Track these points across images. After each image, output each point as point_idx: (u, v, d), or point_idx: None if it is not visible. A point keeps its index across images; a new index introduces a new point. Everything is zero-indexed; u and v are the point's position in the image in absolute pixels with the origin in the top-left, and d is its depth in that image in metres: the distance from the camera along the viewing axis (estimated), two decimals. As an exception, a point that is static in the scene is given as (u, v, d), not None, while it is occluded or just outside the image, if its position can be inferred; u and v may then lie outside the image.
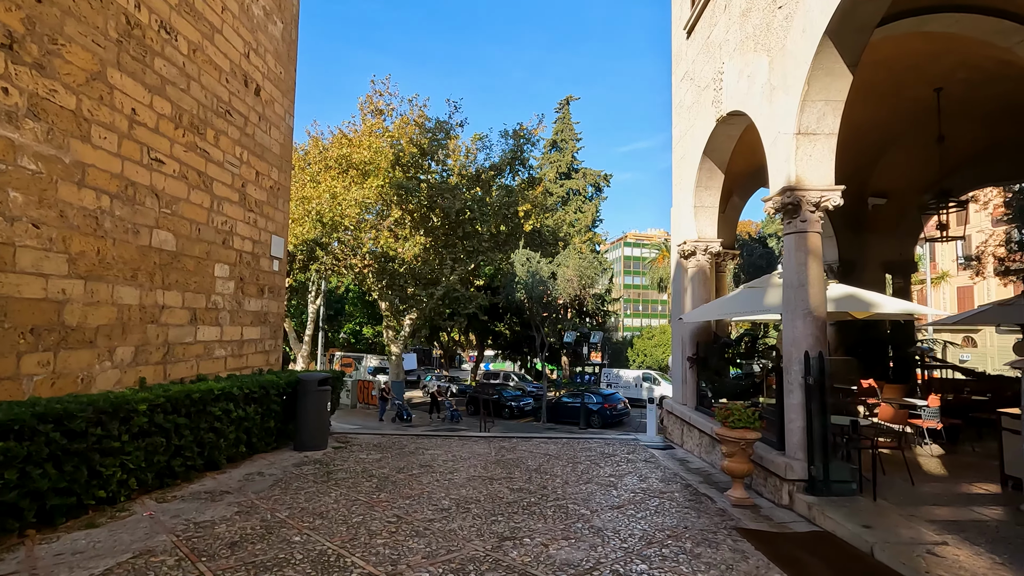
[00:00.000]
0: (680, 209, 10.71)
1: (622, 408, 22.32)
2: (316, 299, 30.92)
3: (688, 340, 10.00)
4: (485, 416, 19.89)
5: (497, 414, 25.01)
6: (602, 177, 42.85)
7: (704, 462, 8.51)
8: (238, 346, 9.41)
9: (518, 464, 8.00)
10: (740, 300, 7.47)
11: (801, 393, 6.08)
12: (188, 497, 5.89)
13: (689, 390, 9.97)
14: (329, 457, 8.23)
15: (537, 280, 21.67)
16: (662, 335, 35.99)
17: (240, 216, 9.42)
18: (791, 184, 6.27)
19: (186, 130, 7.93)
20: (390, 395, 23.69)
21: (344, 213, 22.52)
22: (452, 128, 23.65)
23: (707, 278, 10.11)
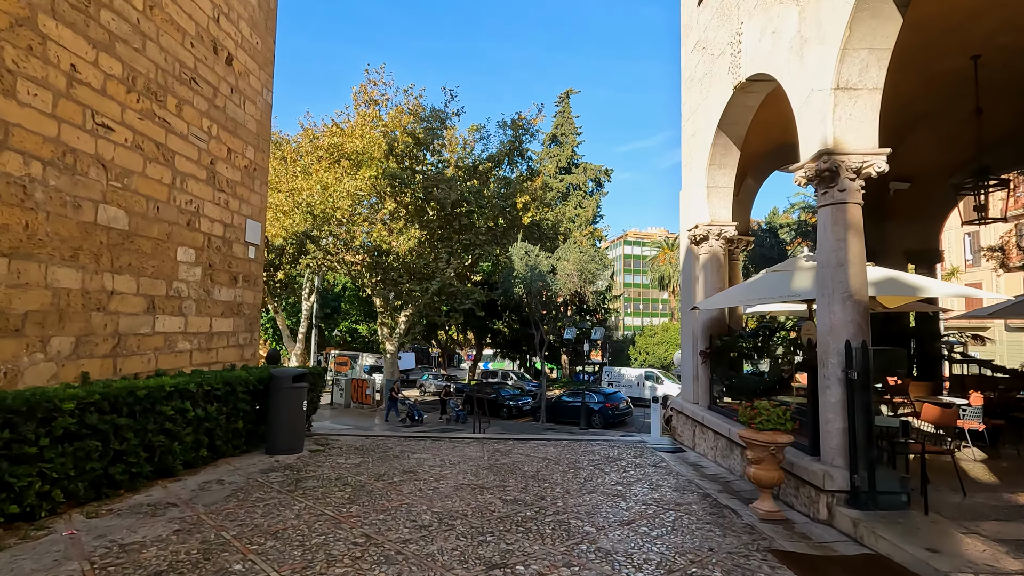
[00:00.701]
0: (690, 191, 9.86)
1: (624, 408, 21.47)
2: (310, 296, 30.09)
3: (700, 333, 9.15)
4: (480, 416, 19.07)
5: (495, 414, 24.17)
6: (603, 172, 41.97)
7: (720, 467, 7.66)
8: (206, 339, 8.55)
9: (513, 470, 7.14)
10: (763, 286, 6.63)
11: (841, 389, 5.23)
12: (126, 511, 5.03)
13: (701, 388, 9.12)
14: (303, 462, 7.38)
15: (536, 274, 20.81)
16: (664, 333, 35.14)
17: (208, 196, 8.56)
18: (827, 147, 5.42)
19: (141, 95, 7.07)
20: (399, 395, 22.74)
21: (336, 205, 21.67)
22: (448, 117, 22.79)
23: (721, 265, 9.26)
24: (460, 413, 22.27)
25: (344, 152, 22.07)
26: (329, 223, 21.98)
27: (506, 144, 24.36)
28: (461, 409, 22.71)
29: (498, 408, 24.05)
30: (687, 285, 10.01)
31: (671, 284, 66.10)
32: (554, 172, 40.23)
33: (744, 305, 8.53)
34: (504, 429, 19.92)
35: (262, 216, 10.29)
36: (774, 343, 7.64)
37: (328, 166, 22.20)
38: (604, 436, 12.43)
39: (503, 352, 40.28)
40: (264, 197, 10.38)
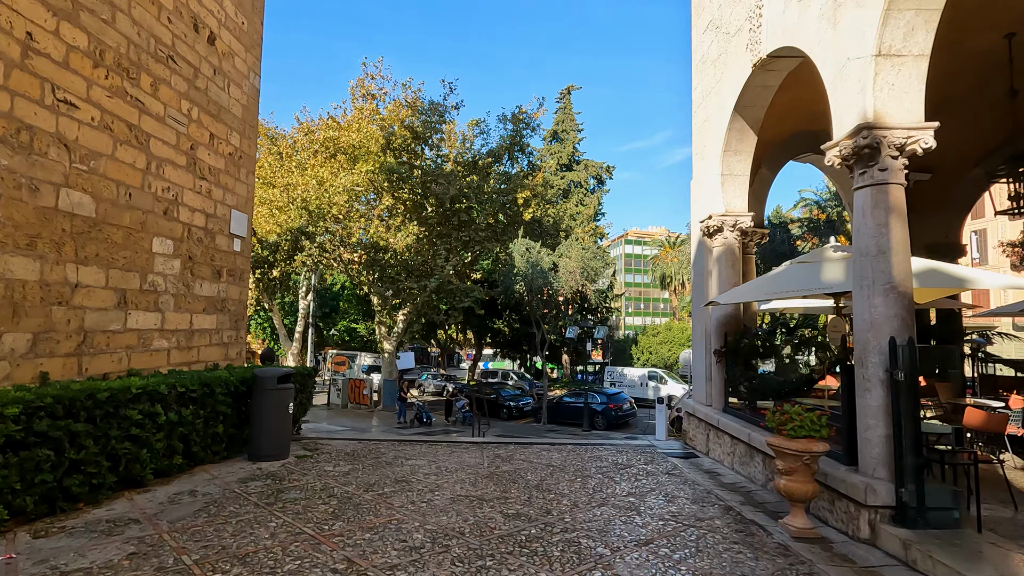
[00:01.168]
0: (703, 180, 9.29)
1: (628, 408, 20.91)
2: (307, 295, 29.55)
3: (714, 331, 8.59)
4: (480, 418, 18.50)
5: (495, 414, 23.61)
6: (604, 169, 41.38)
7: (739, 475, 7.09)
8: (186, 337, 7.98)
9: (515, 479, 6.58)
10: (790, 278, 6.07)
11: (883, 391, 4.67)
12: (80, 529, 4.47)
13: (716, 389, 8.55)
14: (287, 469, 6.81)
15: (538, 271, 20.22)
16: (668, 332, 34.55)
17: (188, 183, 7.99)
18: (867, 121, 4.85)
19: (111, 71, 6.50)
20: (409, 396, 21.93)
21: (332, 201, 21.10)
22: (447, 110, 22.21)
23: (736, 259, 8.70)
24: (467, 415, 21.64)
25: (340, 146, 21.51)
26: (325, 219, 21.41)
27: (506, 139, 23.78)
28: (468, 411, 22.07)
29: (498, 409, 23.49)
30: (699, 280, 9.44)
31: (672, 283, 65.57)
32: (555, 169, 39.64)
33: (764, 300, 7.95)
34: (504, 431, 19.37)
35: (249, 207, 9.72)
36: (796, 341, 7.07)
37: (324, 161, 21.64)
38: (610, 440, 11.87)
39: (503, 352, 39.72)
40: (251, 187, 9.81)
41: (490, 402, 24.01)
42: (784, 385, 6.19)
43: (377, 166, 20.87)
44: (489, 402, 24.01)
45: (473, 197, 21.65)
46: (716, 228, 8.69)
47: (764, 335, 7.57)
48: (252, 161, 9.84)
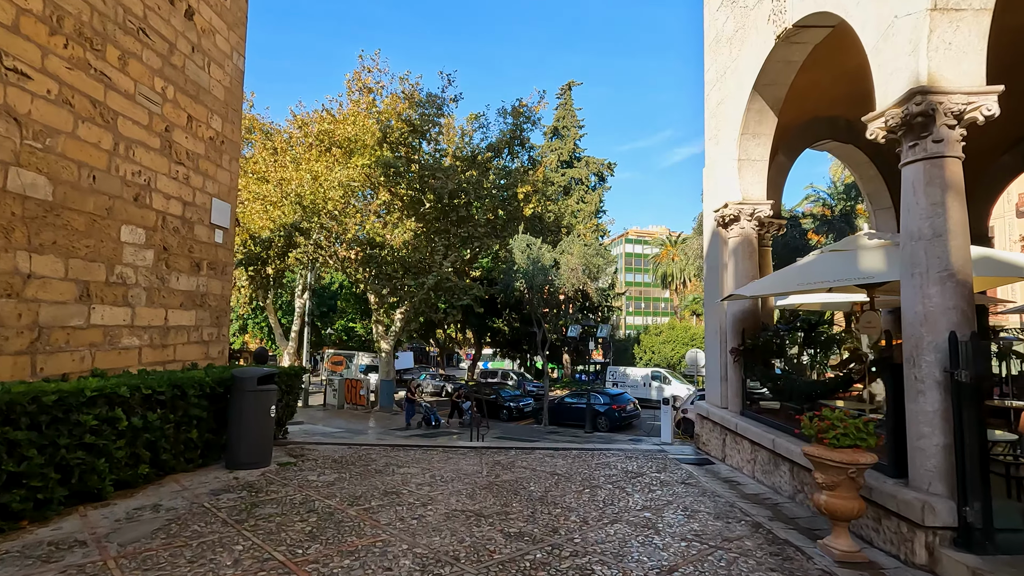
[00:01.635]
0: (717, 167, 8.68)
1: (632, 409, 20.29)
2: (303, 293, 28.98)
3: (730, 328, 7.98)
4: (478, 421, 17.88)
5: (494, 415, 23.01)
6: (605, 166, 40.75)
7: (763, 485, 6.48)
8: (160, 334, 7.37)
9: (517, 489, 5.97)
10: (820, 268, 5.47)
11: (941, 395, 4.07)
12: (15, 554, 3.86)
13: (732, 391, 7.95)
14: (267, 479, 6.21)
15: (538, 268, 19.61)
16: (671, 331, 33.93)
17: (163, 168, 7.38)
18: (920, 85, 4.24)
19: (71, 40, 5.90)
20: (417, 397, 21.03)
21: (327, 196, 20.48)
22: (445, 103, 21.60)
23: (753, 250, 8.09)
24: None
25: (335, 140, 20.90)
26: (319, 215, 20.80)
27: (506, 133, 23.17)
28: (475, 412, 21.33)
29: (498, 410, 22.88)
30: (713, 274, 8.83)
31: (674, 282, 64.97)
32: (556, 165, 39.01)
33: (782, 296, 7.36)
34: (505, 432, 18.79)
35: (232, 196, 9.11)
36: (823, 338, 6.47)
37: (319, 155, 21.03)
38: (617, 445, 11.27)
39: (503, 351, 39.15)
40: (235, 175, 9.20)
41: (490, 403, 23.42)
42: (816, 386, 5.59)
43: (373, 160, 20.26)
44: (489, 403, 23.41)
45: (472, 192, 21.03)
46: (732, 217, 8.09)
47: (787, 331, 6.96)
48: (236, 147, 9.23)
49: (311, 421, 21.96)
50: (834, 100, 9.68)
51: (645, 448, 9.09)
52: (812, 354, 6.39)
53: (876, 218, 11.11)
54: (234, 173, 9.16)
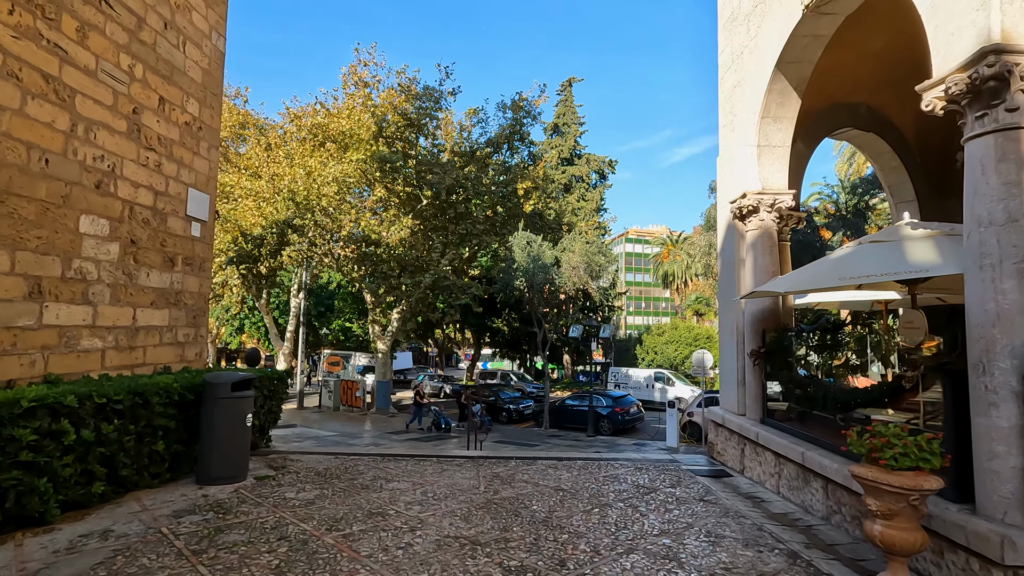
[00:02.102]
0: (734, 155, 8.06)
1: (635, 412, 19.67)
2: (299, 293, 28.38)
3: (749, 328, 7.36)
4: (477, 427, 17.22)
5: (494, 418, 22.37)
6: (607, 163, 40.11)
7: (790, 503, 5.86)
8: (127, 335, 6.74)
9: (517, 509, 5.35)
10: (860, 261, 4.84)
11: (1019, 408, 3.44)
12: (-81, 598, 3.23)
13: (751, 396, 7.32)
14: (240, 496, 5.58)
15: (539, 266, 18.98)
16: (673, 331, 33.30)
17: (131, 153, 6.75)
18: (993, 44, 3.62)
19: (17, 6, 5.27)
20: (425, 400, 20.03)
21: (321, 192, 19.84)
22: (443, 96, 20.96)
23: (773, 244, 7.47)
24: (486, 420, 20.00)
25: (329, 134, 20.27)
26: (313, 211, 20.15)
27: (506, 127, 22.53)
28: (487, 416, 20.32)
29: (497, 412, 22.25)
30: (728, 270, 8.20)
31: (675, 282, 64.41)
32: (556, 163, 38.39)
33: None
34: (504, 436, 18.18)
35: (211, 187, 8.48)
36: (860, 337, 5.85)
37: (312, 149, 20.40)
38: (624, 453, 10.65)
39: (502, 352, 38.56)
40: (214, 164, 8.57)
41: (488, 405, 22.78)
42: (857, 395, 4.96)
43: (368, 155, 19.64)
44: (487, 405, 22.79)
45: (471, 188, 20.40)
46: (750, 209, 7.46)
47: (811, 331, 6.34)
48: (215, 134, 8.60)
49: (306, 424, 21.35)
50: (856, 84, 9.06)
51: (655, 458, 8.46)
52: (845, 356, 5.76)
53: (897, 212, 10.50)
54: (213, 162, 8.53)
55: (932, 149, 10.41)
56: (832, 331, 6.04)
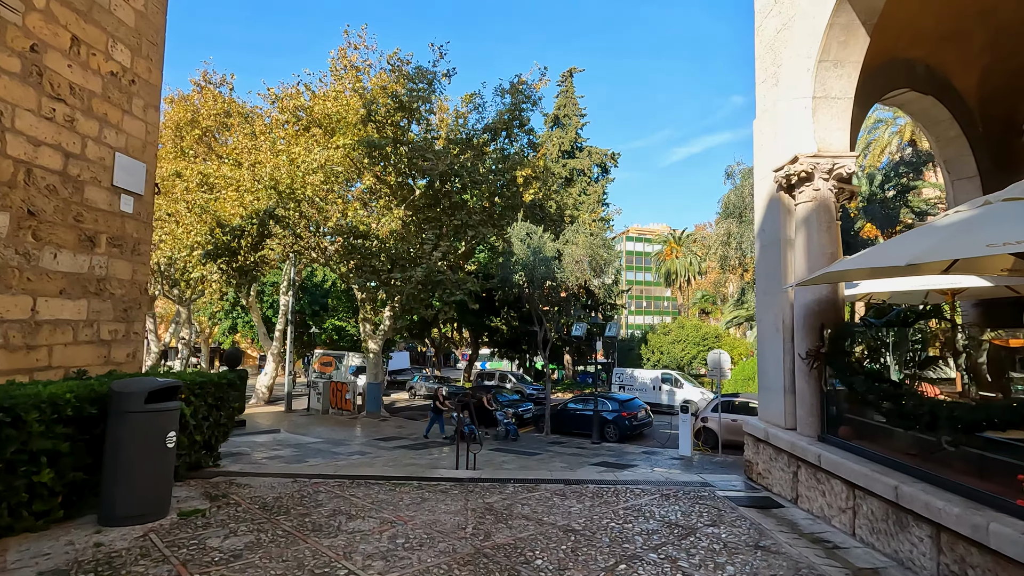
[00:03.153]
0: (777, 112, 6.66)
1: (644, 417, 18.27)
2: (288, 290, 27.02)
3: (801, 323, 5.97)
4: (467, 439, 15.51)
5: (490, 423, 20.97)
6: (609, 156, 38.66)
7: (876, 552, 4.45)
8: (23, 330, 5.34)
9: (515, 566, 3.94)
10: (1011, 222, 3.42)
11: None
12: None
13: (805, 407, 5.92)
14: (147, 545, 4.18)
15: (540, 259, 17.57)
16: (679, 331, 31.86)
17: (27, 101, 5.35)
18: None
19: None
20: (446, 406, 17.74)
21: (305, 181, 18.42)
22: (436, 78, 19.55)
23: (832, 219, 6.08)
24: (511, 428, 17.37)
25: (314, 117, 18.86)
26: (299, 202, 18.72)
27: (504, 113, 21.12)
28: (512, 422, 17.67)
29: (494, 417, 20.84)
30: (769, 254, 6.80)
31: (678, 281, 63.04)
32: (557, 156, 36.97)
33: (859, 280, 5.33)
34: (501, 444, 16.75)
35: (149, 154, 7.07)
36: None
37: (296, 134, 18.99)
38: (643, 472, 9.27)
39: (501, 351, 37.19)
40: (153, 127, 7.16)
41: (485, 409, 21.38)
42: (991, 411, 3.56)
43: (356, 140, 18.23)
44: (483, 409, 21.38)
45: (466, 176, 18.99)
46: (803, 176, 6.07)
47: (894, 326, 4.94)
48: (154, 92, 7.19)
49: (291, 428, 19.95)
50: (917, 36, 7.68)
51: (682, 480, 7.05)
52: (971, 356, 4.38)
53: (954, 190, 9.13)
54: (152, 125, 7.11)
55: (996, 119, 9.05)
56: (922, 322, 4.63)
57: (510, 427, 17.31)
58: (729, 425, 15.27)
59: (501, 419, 17.58)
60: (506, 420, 17.58)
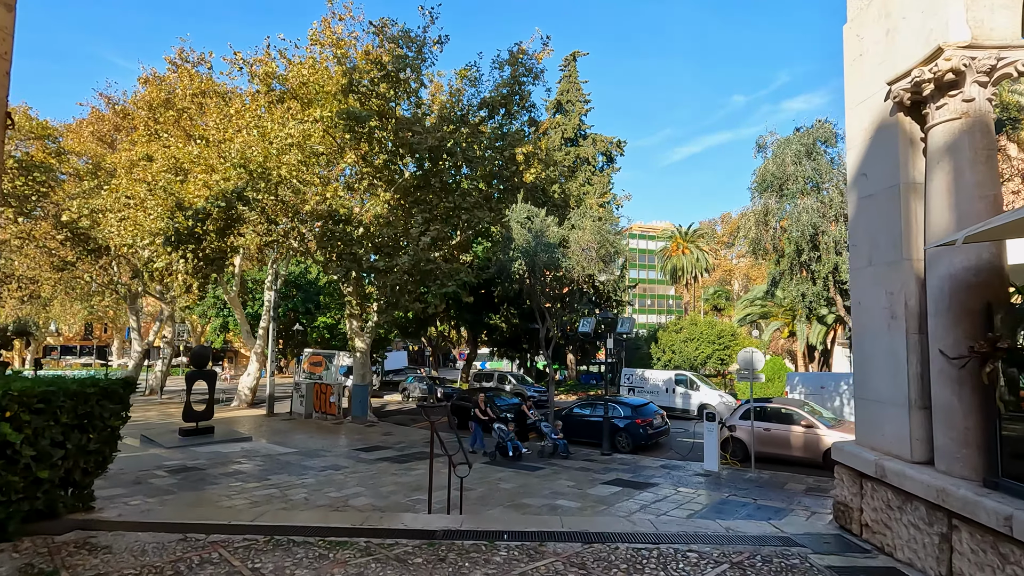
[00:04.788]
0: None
1: (660, 424, 16.15)
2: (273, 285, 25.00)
3: (944, 305, 3.89)
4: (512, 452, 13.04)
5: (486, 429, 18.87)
6: (615, 144, 36.49)
7: None
8: None
9: None
10: None
11: None
12: None
13: (955, 431, 3.84)
14: None
15: (542, 245, 15.47)
16: (692, 327, 29.73)
17: None
18: None
19: None
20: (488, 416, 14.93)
21: (280, 160, 16.34)
22: (426, 44, 17.44)
23: (993, 146, 3.99)
24: (561, 443, 14.11)
25: (289, 87, 16.78)
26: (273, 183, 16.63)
27: (502, 87, 18.99)
28: (561, 438, 14.35)
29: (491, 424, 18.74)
30: (877, 206, 4.70)
31: (684, 277, 60.94)
32: (559, 143, 34.84)
33: None
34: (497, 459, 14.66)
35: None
36: None
37: (268, 107, 16.92)
38: (703, 525, 7.24)
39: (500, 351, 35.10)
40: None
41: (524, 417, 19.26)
42: None
43: (335, 111, 16.15)
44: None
45: (460, 155, 16.90)
46: (947, 81, 3.98)
47: None
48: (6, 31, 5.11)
49: (267, 436, 17.86)
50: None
51: (753, 533, 4.96)
52: None
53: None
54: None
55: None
56: None
57: (559, 442, 13.98)
58: (762, 435, 13.20)
59: (547, 431, 14.20)
60: (553, 433, 14.25)
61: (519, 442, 13.51)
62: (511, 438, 13.46)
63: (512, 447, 13.21)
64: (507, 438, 13.46)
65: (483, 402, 15.10)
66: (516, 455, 13.11)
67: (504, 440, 13.59)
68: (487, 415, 14.85)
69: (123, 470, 12.18)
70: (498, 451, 13.47)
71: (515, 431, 13.76)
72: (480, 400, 15.10)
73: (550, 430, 14.14)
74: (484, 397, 15.47)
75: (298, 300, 39.96)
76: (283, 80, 16.87)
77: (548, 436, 13.93)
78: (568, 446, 14.08)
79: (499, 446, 13.50)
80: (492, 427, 14.17)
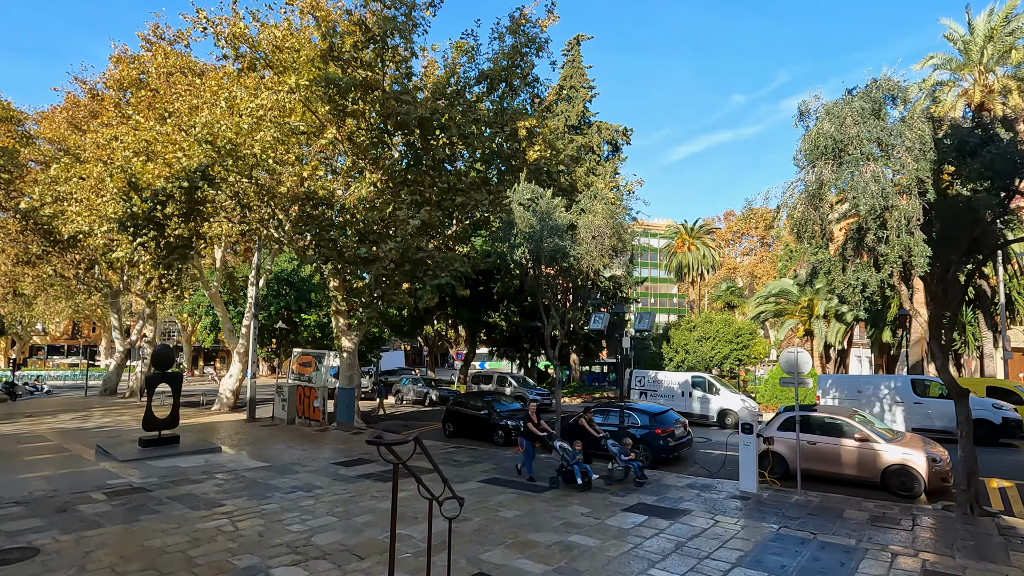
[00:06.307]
0: None
1: (683, 435, 14.24)
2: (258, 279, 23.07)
3: None
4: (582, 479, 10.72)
5: (485, 438, 17.00)
6: (620, 132, 34.63)
7: None
8: None
9: None
10: None
11: None
12: None
13: None
14: None
15: (549, 229, 13.56)
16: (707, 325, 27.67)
17: None
18: None
19: None
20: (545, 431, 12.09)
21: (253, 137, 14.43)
22: (417, 7, 15.50)
23: None
24: (635, 466, 11.41)
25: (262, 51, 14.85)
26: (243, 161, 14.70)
27: (502, 58, 17.05)
28: (634, 459, 11.68)
29: (489, 431, 16.89)
30: None
31: (690, 275, 59.09)
32: (563, 131, 32.97)
33: None
34: (498, 469, 12.73)
35: None
36: None
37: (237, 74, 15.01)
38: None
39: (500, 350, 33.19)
40: None
41: (479, 421, 17.41)
42: None
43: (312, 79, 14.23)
44: (477, 421, 17.40)
45: (454, 130, 14.98)
46: None
47: None
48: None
49: (241, 445, 15.99)
50: None
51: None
52: None
53: None
54: None
55: None
56: None
57: (633, 465, 11.39)
58: (807, 450, 11.28)
59: (617, 453, 11.50)
60: (623, 454, 11.62)
61: (588, 467, 10.84)
62: (578, 460, 10.84)
63: (579, 471, 10.67)
64: (573, 460, 10.83)
65: (534, 412, 12.21)
66: (586, 482, 10.64)
67: (570, 463, 10.93)
68: (544, 430, 12.04)
69: (56, 492, 10.22)
70: (561, 477, 10.94)
71: (580, 451, 11.02)
72: (531, 411, 12.21)
73: (619, 450, 11.50)
74: (536, 406, 12.51)
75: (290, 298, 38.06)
76: (255, 45, 14.93)
77: (617, 457, 11.30)
78: (642, 468, 11.52)
79: (563, 470, 10.94)
80: (552, 444, 11.60)
